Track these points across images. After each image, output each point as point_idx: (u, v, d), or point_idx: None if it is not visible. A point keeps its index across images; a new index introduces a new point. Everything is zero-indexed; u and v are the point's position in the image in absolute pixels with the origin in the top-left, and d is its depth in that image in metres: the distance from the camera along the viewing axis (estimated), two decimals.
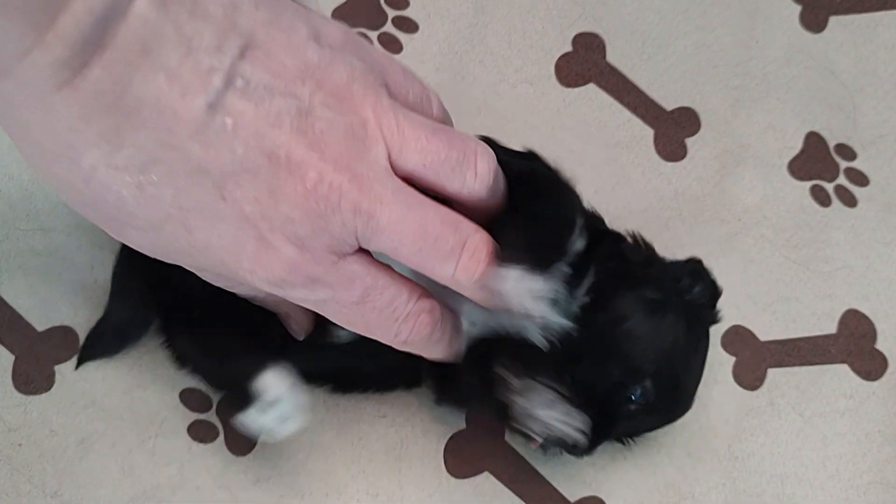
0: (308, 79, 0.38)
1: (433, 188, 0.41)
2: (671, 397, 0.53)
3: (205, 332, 0.52)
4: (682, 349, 0.52)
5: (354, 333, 0.44)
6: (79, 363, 0.55)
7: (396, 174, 0.40)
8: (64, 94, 0.35)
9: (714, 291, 0.55)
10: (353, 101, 0.39)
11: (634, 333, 0.50)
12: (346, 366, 0.54)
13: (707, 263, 0.61)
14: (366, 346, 0.46)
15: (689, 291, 0.53)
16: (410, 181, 0.40)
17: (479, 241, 0.41)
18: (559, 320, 0.48)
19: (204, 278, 0.44)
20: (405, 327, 0.43)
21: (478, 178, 0.41)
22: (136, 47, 0.35)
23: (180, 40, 0.36)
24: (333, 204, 0.37)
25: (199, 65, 0.36)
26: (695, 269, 0.54)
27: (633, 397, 0.50)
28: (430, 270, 0.41)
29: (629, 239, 0.54)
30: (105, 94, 0.35)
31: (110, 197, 0.38)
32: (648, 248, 0.55)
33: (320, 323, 0.49)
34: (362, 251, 0.40)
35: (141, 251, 0.41)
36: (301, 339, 0.50)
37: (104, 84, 0.35)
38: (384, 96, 0.40)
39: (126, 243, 0.42)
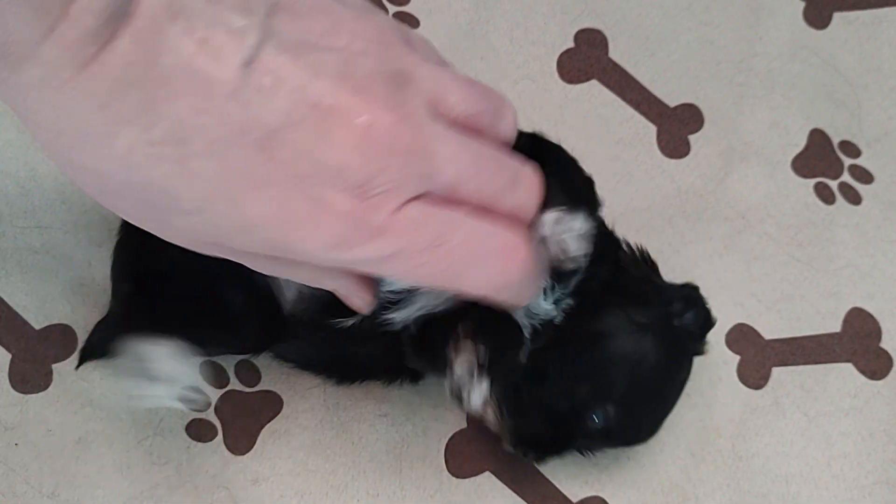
0: (341, 32, 0.37)
1: (475, 130, 0.40)
2: (632, 425, 0.52)
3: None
4: (656, 379, 0.51)
5: (358, 316, 0.43)
6: (80, 362, 0.54)
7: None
8: (92, 70, 0.33)
9: (707, 321, 0.53)
10: (390, 51, 0.38)
11: (611, 355, 0.50)
12: (347, 353, 0.53)
13: (710, 261, 0.60)
14: (367, 331, 0.45)
15: (680, 317, 0.52)
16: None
17: (531, 171, 0.41)
18: (545, 306, 0.48)
19: (258, 268, 0.41)
20: (498, 264, 0.40)
21: (510, 127, 0.41)
22: (162, 13, 0.33)
23: (208, 3, 0.34)
24: (388, 144, 0.36)
25: (229, 25, 0.34)
26: (689, 296, 0.53)
27: (594, 418, 0.49)
28: (495, 202, 0.39)
29: (633, 251, 0.54)
30: (135, 66, 0.33)
31: (153, 178, 0.35)
32: (649, 265, 0.54)
33: (321, 309, 0.49)
34: (421, 194, 0.38)
35: (187, 245, 0.39)
36: (367, 312, 0.47)
37: (133, 55, 0.33)
38: (414, 50, 0.39)
39: (169, 238, 0.39)
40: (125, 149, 0.34)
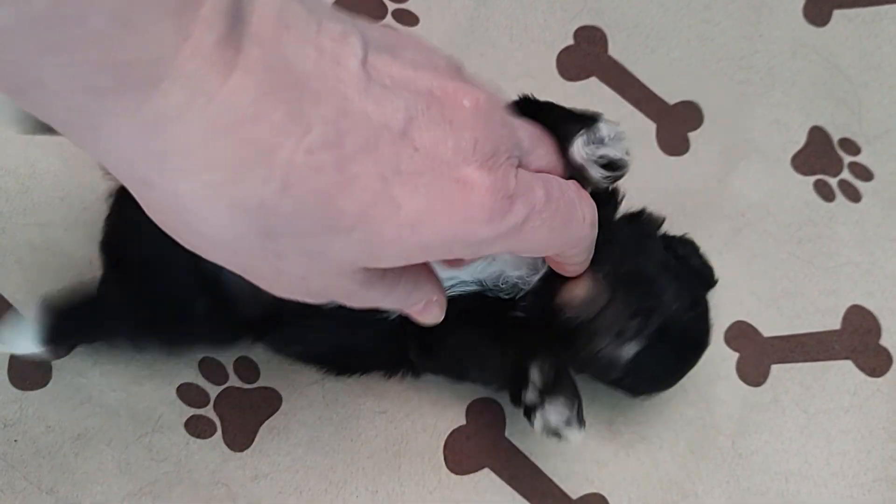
0: (407, 41, 0.38)
1: None
2: (671, 354, 0.53)
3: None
4: (687, 311, 0.52)
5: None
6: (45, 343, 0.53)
7: None
8: (237, 77, 0.31)
9: (707, 266, 0.57)
10: (438, 52, 0.39)
11: (652, 279, 0.51)
12: (345, 343, 0.53)
13: (710, 259, 0.60)
14: (360, 318, 0.46)
15: (689, 260, 0.56)
16: None
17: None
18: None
19: (365, 303, 0.39)
20: (584, 204, 0.41)
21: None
22: (274, 22, 0.32)
23: (309, 13, 0.34)
24: (492, 118, 0.37)
25: (332, 32, 0.34)
26: (688, 241, 0.57)
27: (633, 340, 0.50)
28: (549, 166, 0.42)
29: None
30: (276, 71, 0.32)
31: (314, 191, 0.33)
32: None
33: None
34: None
35: (345, 270, 0.37)
36: (440, 320, 0.46)
37: (270, 59, 0.32)
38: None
39: (331, 268, 0.36)
40: (286, 161, 0.32)
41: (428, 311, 0.43)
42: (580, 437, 0.46)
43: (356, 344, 0.53)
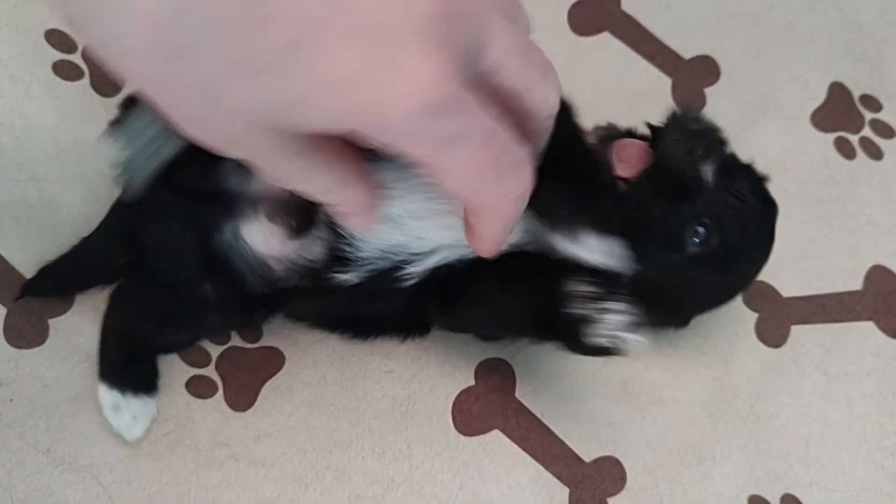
0: None
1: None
2: (731, 257, 0.50)
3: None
4: (748, 214, 0.50)
5: (361, 275, 0.41)
6: (21, 295, 0.53)
7: None
8: None
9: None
10: None
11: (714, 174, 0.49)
12: (362, 311, 0.52)
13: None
14: (374, 289, 0.44)
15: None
16: None
17: (554, 68, 0.39)
18: None
19: (277, 173, 0.38)
20: (520, 178, 0.38)
21: (528, 23, 0.40)
22: None
23: None
24: (457, 7, 0.34)
25: None
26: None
27: (696, 237, 0.48)
28: (532, 87, 0.37)
29: None
30: None
31: (226, 16, 0.31)
32: None
33: (327, 265, 0.47)
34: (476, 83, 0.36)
35: (229, 135, 0.35)
36: (364, 232, 0.45)
37: None
38: None
39: (239, 102, 0.34)
40: None
41: (356, 217, 0.41)
42: (642, 343, 0.45)
43: (371, 312, 0.52)
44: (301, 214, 0.47)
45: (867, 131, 0.64)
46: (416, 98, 0.33)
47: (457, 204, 0.40)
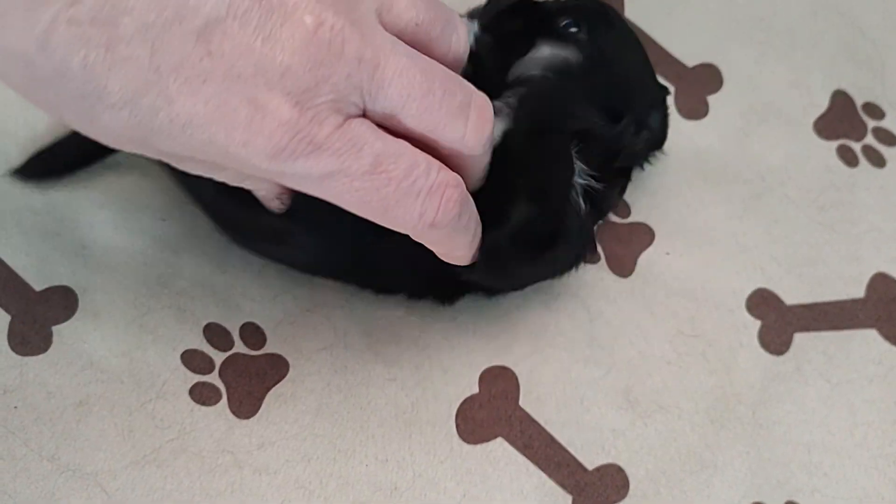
0: None
1: (421, 49, 0.38)
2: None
3: None
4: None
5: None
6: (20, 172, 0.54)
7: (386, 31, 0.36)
8: None
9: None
10: None
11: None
12: (365, 256, 0.50)
13: (730, 224, 0.59)
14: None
15: None
16: None
17: (484, 99, 0.38)
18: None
19: (185, 169, 0.38)
20: (431, 203, 0.37)
21: (462, 40, 0.39)
22: None
23: None
24: (336, 50, 0.33)
25: None
26: None
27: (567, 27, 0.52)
28: (439, 130, 0.37)
29: None
30: None
31: (75, 64, 0.32)
32: None
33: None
34: (364, 114, 0.36)
35: (114, 145, 0.36)
36: (280, 211, 0.45)
37: None
38: None
39: (97, 137, 0.35)
40: (47, 25, 0.31)
41: (270, 202, 0.43)
42: None
43: (376, 259, 0.51)
44: None
45: (870, 139, 0.64)
46: (270, 142, 0.33)
47: None
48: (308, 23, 0.33)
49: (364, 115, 0.36)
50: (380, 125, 0.36)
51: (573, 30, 0.51)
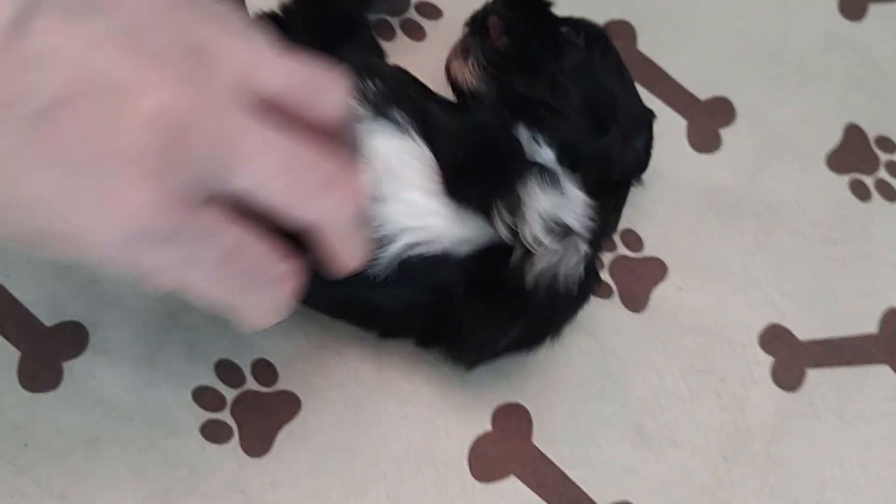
0: (126, 1, 0.32)
1: (295, 112, 0.36)
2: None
3: None
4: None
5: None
6: None
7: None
8: None
9: None
10: (186, 23, 0.33)
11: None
12: (369, 302, 0.50)
13: (741, 258, 0.59)
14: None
15: None
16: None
17: (355, 172, 0.37)
18: None
19: (29, 250, 0.36)
20: (270, 294, 0.37)
21: (335, 105, 0.37)
22: None
23: None
24: (180, 135, 0.31)
25: None
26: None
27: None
28: (302, 207, 0.35)
29: None
30: None
31: None
32: None
33: None
34: (221, 201, 0.34)
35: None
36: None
37: None
38: (216, 23, 0.34)
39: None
40: None
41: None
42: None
43: (378, 305, 0.50)
44: None
45: (882, 173, 0.64)
46: (118, 227, 0.32)
47: None
48: (147, 107, 0.31)
49: (223, 194, 0.34)
50: (241, 202, 0.34)
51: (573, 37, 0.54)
